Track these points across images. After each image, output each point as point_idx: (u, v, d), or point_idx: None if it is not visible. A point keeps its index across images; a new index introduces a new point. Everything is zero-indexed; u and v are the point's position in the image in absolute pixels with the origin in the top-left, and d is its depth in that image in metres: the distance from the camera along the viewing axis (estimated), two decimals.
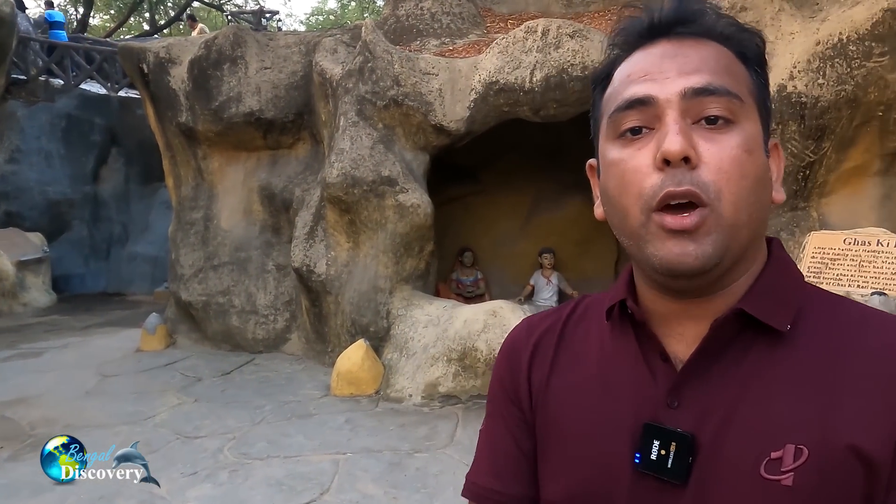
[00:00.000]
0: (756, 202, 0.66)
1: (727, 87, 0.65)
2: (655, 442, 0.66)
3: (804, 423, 0.61)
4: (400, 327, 5.84)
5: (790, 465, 0.60)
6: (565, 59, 5.37)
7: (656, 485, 0.67)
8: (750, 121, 0.67)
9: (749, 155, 0.65)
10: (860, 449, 0.59)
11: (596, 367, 0.76)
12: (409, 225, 5.86)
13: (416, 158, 6.08)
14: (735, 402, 0.65)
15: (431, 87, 5.87)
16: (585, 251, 8.01)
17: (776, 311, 0.66)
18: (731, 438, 0.64)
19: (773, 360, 0.65)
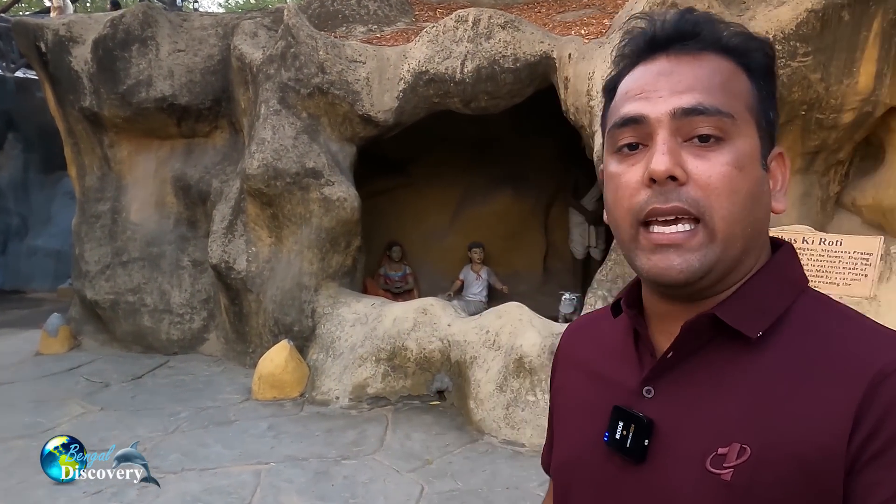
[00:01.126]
0: (749, 216, 0.69)
1: (717, 107, 0.68)
2: (620, 423, 0.73)
3: (754, 426, 0.64)
4: (326, 326, 5.60)
5: (732, 461, 0.64)
6: (497, 49, 5.24)
7: (620, 461, 0.73)
8: (744, 137, 0.69)
9: (739, 171, 0.67)
10: (804, 457, 0.61)
11: (599, 355, 0.84)
12: (335, 219, 5.61)
13: (342, 150, 5.83)
14: (699, 399, 0.69)
15: (358, 76, 5.63)
16: (515, 245, 7.97)
17: (750, 317, 0.68)
18: (688, 430, 0.68)
19: (741, 363, 0.68)
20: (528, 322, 4.64)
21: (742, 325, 0.68)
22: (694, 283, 0.69)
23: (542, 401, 4.36)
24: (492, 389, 4.56)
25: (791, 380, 0.64)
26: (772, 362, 0.66)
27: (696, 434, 0.67)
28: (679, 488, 0.67)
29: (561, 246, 8.05)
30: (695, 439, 0.67)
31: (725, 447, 0.65)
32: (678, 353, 0.71)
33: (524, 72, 5.20)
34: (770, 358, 0.67)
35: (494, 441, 4.40)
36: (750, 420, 0.65)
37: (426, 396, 5.10)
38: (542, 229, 8.09)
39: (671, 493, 0.68)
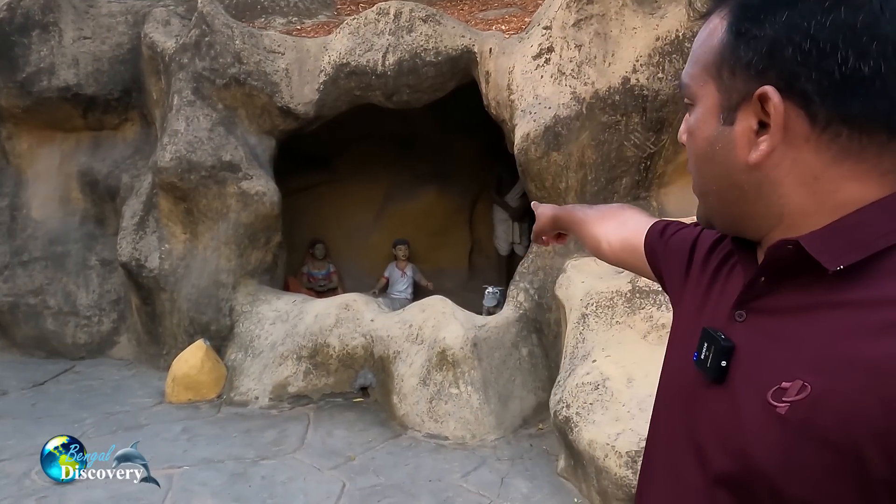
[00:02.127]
0: (708, 173, 0.75)
1: (683, 81, 0.77)
2: (705, 344, 0.75)
3: (822, 365, 0.62)
4: (245, 325, 5.41)
5: (791, 397, 0.63)
6: (418, 43, 5.21)
7: (703, 380, 0.75)
8: (702, 99, 0.74)
9: (690, 136, 0.76)
10: (865, 408, 0.58)
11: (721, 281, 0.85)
12: (253, 214, 5.44)
13: (261, 143, 5.66)
14: (782, 328, 0.68)
15: (277, 67, 5.48)
16: (440, 242, 7.96)
17: (837, 249, 0.64)
18: (764, 359, 0.68)
19: (828, 297, 0.65)
20: (452, 315, 4.63)
21: (822, 256, 0.64)
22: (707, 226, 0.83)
23: (466, 393, 4.36)
24: (415, 384, 4.52)
25: (873, 323, 0.60)
26: (857, 301, 0.63)
27: (769, 364, 0.68)
28: (741, 414, 0.68)
29: (486, 242, 8.10)
30: (767, 369, 0.67)
31: (789, 382, 0.64)
32: (769, 279, 0.71)
33: (446, 66, 5.20)
34: (857, 297, 0.63)
35: (418, 435, 4.36)
36: (819, 359, 0.63)
37: (349, 393, 5.01)
38: (467, 226, 8.11)
39: (735, 417, 0.69)
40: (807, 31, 0.63)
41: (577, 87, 4.43)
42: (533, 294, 4.79)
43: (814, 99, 0.64)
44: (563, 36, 4.52)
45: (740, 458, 0.67)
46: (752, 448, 0.66)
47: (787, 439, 0.63)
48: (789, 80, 0.64)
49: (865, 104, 0.63)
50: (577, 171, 4.53)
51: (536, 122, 4.46)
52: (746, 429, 0.67)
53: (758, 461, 0.65)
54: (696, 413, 0.76)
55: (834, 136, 0.64)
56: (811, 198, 0.67)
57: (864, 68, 0.61)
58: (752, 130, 0.69)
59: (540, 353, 4.76)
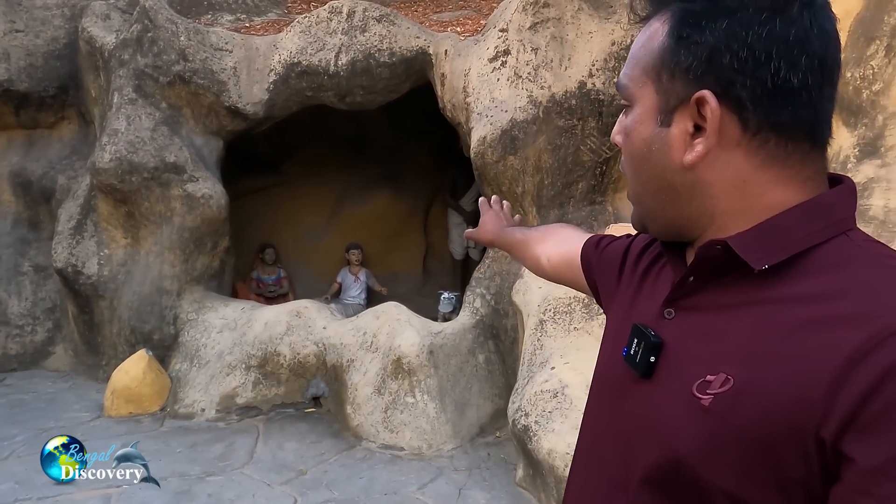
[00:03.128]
0: (643, 174, 0.75)
1: (621, 81, 0.76)
2: (635, 340, 0.77)
3: (744, 359, 0.64)
4: (190, 333, 5.18)
5: (715, 389, 0.65)
6: (372, 43, 5.09)
7: (632, 375, 0.77)
8: (639, 101, 0.73)
9: (627, 137, 0.76)
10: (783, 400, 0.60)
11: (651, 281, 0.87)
12: (199, 218, 5.22)
13: (207, 144, 5.44)
14: (709, 325, 0.70)
15: (225, 65, 5.28)
16: (394, 247, 7.84)
17: (761, 249, 0.67)
18: (691, 354, 0.70)
19: (752, 295, 0.68)
20: (407, 322, 4.52)
21: (749, 257, 0.67)
22: (640, 230, 0.81)
23: (422, 402, 4.25)
24: (369, 393, 4.40)
25: (793, 320, 0.63)
26: (779, 299, 0.66)
27: (696, 359, 0.69)
28: (668, 407, 0.70)
29: (440, 247, 8.02)
30: (693, 364, 0.69)
31: (713, 375, 0.66)
32: (698, 278, 0.73)
33: (400, 67, 5.10)
34: (778, 295, 0.66)
35: (372, 446, 4.24)
36: (742, 354, 0.65)
37: (301, 404, 4.84)
38: (421, 230, 8.01)
39: (661, 411, 0.71)
40: (744, 41, 0.65)
41: (534, 91, 4.38)
42: (489, 300, 4.72)
43: (747, 105, 0.66)
44: (520, 39, 4.47)
45: (665, 448, 0.69)
46: (676, 438, 0.68)
47: (709, 430, 0.64)
48: (726, 86, 0.67)
49: (793, 114, 0.67)
50: (533, 176, 4.48)
51: (493, 125, 4.39)
52: (672, 420, 0.69)
53: (681, 451, 0.67)
54: (623, 407, 0.78)
55: (763, 143, 0.68)
56: (740, 200, 0.70)
57: (794, 80, 0.65)
58: (687, 133, 0.70)
59: (497, 359, 4.70)
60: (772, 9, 0.65)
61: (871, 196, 3.52)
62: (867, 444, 0.55)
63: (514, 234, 1.49)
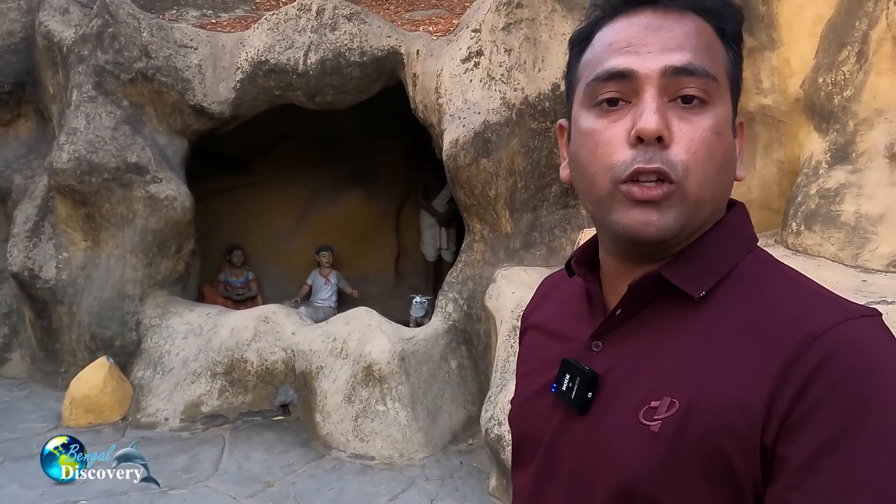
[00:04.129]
0: (720, 181, 0.69)
1: (706, 69, 0.67)
2: (567, 375, 0.75)
3: (686, 381, 0.65)
4: (154, 340, 5.02)
5: (662, 414, 0.65)
6: (342, 42, 4.98)
7: (565, 412, 0.75)
8: (722, 102, 0.69)
9: (718, 137, 0.68)
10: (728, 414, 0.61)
11: (557, 314, 0.87)
12: (163, 220, 5.05)
13: (171, 143, 5.27)
14: (643, 354, 0.70)
15: (189, 63, 5.11)
16: (365, 248, 7.73)
17: (695, 277, 0.69)
18: (629, 384, 0.70)
19: (683, 321, 0.69)
20: (378, 328, 4.42)
21: (686, 285, 0.68)
22: (668, 240, 0.69)
23: (393, 410, 4.16)
24: (339, 401, 4.29)
25: (726, 338, 0.65)
26: (711, 321, 0.67)
27: (635, 388, 0.69)
28: (614, 438, 0.69)
29: (412, 248, 7.93)
30: (634, 393, 0.69)
31: (658, 401, 0.66)
32: (626, 309, 0.73)
33: (371, 66, 4.99)
34: (710, 316, 0.68)
35: (342, 456, 4.13)
36: (683, 376, 0.66)
37: (269, 412, 4.71)
38: (393, 231, 7.91)
39: (607, 443, 0.69)
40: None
41: (507, 93, 4.32)
42: (462, 304, 4.65)
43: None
44: (493, 40, 4.40)
45: (621, 480, 0.67)
46: (630, 468, 0.67)
47: (662, 454, 0.64)
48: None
49: None
50: (506, 179, 4.42)
51: (466, 127, 4.32)
52: (622, 451, 0.68)
53: (638, 479, 0.66)
54: (561, 446, 0.75)
55: None
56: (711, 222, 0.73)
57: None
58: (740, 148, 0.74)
59: (469, 365, 4.63)
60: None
61: (842, 202, 3.53)
62: (795, 443, 0.58)
63: None
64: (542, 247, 4.60)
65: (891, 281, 3.10)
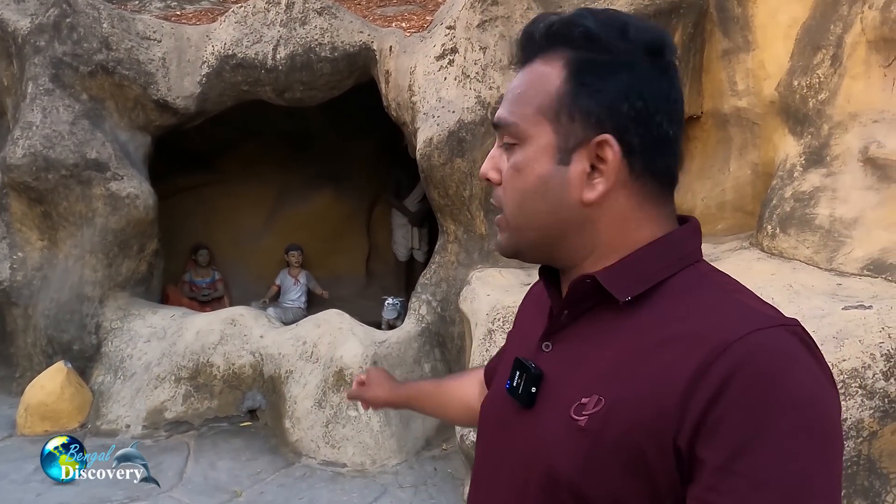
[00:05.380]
0: (530, 208, 0.78)
1: (509, 119, 0.79)
2: (517, 372, 0.82)
3: (612, 381, 0.71)
4: (114, 343, 4.83)
5: (589, 410, 0.71)
6: (313, 37, 4.84)
7: (515, 406, 0.81)
8: (532, 139, 0.77)
9: (518, 172, 0.78)
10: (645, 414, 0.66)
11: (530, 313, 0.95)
12: (125, 219, 4.86)
13: (133, 139, 5.08)
14: (582, 354, 0.76)
15: (152, 56, 4.93)
16: (335, 248, 7.58)
17: (624, 283, 0.74)
18: (567, 382, 0.76)
19: (616, 324, 0.74)
20: (349, 331, 4.31)
21: (614, 289, 0.74)
22: (512, 256, 0.83)
23: (365, 416, 4.06)
24: (309, 406, 4.17)
25: (650, 342, 0.70)
26: (638, 325, 0.72)
27: (571, 386, 0.74)
28: (548, 431, 0.74)
29: (383, 248, 7.81)
30: (569, 390, 0.74)
31: (588, 398, 0.71)
32: (571, 311, 0.79)
33: (343, 62, 4.87)
34: (638, 321, 0.72)
35: (313, 463, 4.02)
36: (610, 375, 0.71)
37: (236, 417, 4.57)
38: (364, 231, 7.78)
39: (542, 436, 0.75)
40: (640, 94, 0.73)
41: (482, 91, 4.24)
42: (436, 306, 4.56)
43: (637, 151, 0.74)
44: (468, 37, 4.32)
45: (549, 470, 0.73)
46: (557, 459, 0.72)
47: (586, 448, 0.69)
48: (622, 133, 0.73)
49: (665, 161, 0.76)
50: (481, 180, 4.33)
51: (440, 126, 4.23)
52: (552, 443, 0.73)
53: (563, 471, 0.71)
54: (507, 438, 0.82)
55: (642, 185, 0.76)
56: (619, 235, 0.77)
57: (670, 132, 0.76)
58: (584, 172, 0.75)
59: (443, 368, 4.54)
60: (658, 69, 0.74)
61: (816, 205, 3.53)
62: (711, 445, 0.62)
63: (422, 386, 1.51)
64: None
65: (865, 284, 3.10)
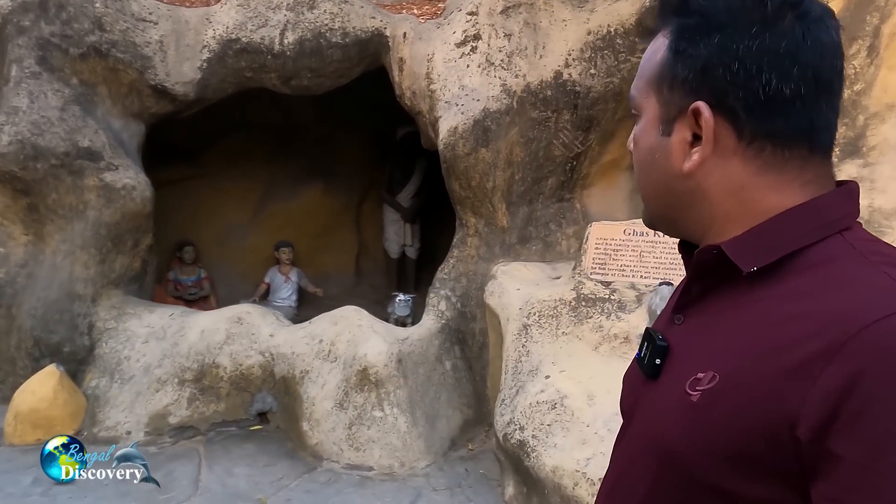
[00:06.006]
0: (649, 179, 0.79)
1: (631, 93, 0.81)
2: (646, 344, 0.81)
3: (729, 356, 0.68)
4: (110, 344, 4.52)
5: (703, 386, 0.68)
6: (322, 21, 4.63)
7: (642, 377, 0.81)
8: (645, 112, 0.78)
9: (634, 146, 0.80)
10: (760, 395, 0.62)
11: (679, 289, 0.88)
12: (119, 212, 4.56)
13: (127, 127, 4.77)
14: (707, 328, 0.74)
15: (149, 38, 4.63)
16: (325, 245, 7.35)
17: (751, 252, 0.70)
18: (690, 356, 0.74)
19: (742, 299, 0.71)
20: (370, 328, 4.12)
21: (739, 259, 0.70)
22: (650, 227, 0.85)
23: (391, 416, 3.88)
24: (330, 407, 3.97)
25: (773, 318, 0.66)
26: (764, 299, 0.68)
27: (691, 360, 0.72)
28: (664, 403, 0.74)
29: (373, 245, 7.61)
30: (689, 364, 0.72)
31: (703, 373, 0.69)
32: (701, 284, 0.76)
33: (354, 49, 4.67)
34: (765, 294, 0.68)
35: (336, 467, 3.82)
36: (728, 351, 0.68)
37: (245, 421, 4.33)
38: (353, 227, 7.56)
39: (659, 407, 0.75)
40: (735, 54, 0.68)
41: (508, 80, 4.12)
42: (455, 302, 4.41)
43: (741, 115, 0.69)
44: (492, 23, 4.19)
45: (660, 444, 0.72)
46: (668, 433, 0.71)
47: (695, 423, 0.67)
48: (720, 97, 0.69)
49: (787, 122, 0.69)
50: (504, 170, 4.22)
51: (465, 114, 4.08)
52: (665, 416, 0.72)
53: (671, 445, 0.70)
54: (634, 406, 0.82)
55: (759, 150, 0.70)
56: (738, 206, 0.72)
57: (786, 90, 0.67)
58: (686, 142, 0.73)
59: (463, 366, 4.40)
60: (762, 23, 0.67)
61: None
62: (849, 440, 0.56)
63: None
64: (537, 241, 4.43)
65: None
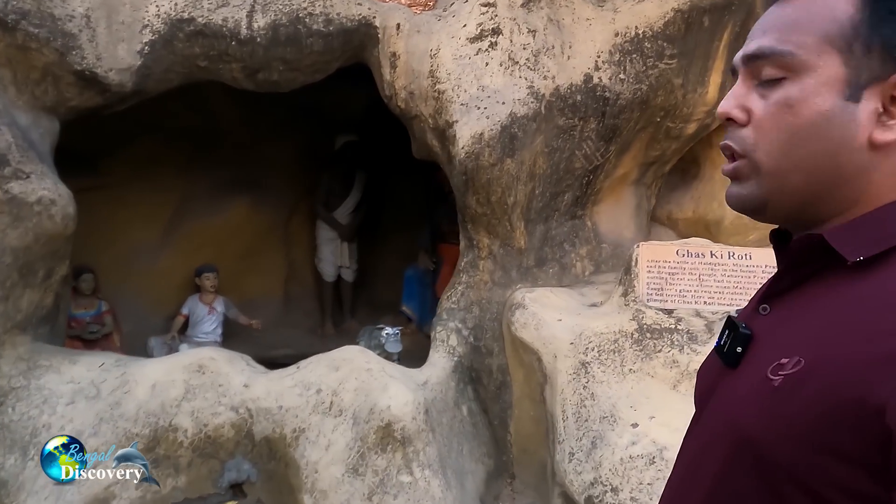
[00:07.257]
0: (803, 150, 0.70)
1: (777, 48, 0.71)
2: (727, 332, 0.79)
3: (819, 343, 0.65)
4: (19, 409, 3.42)
5: (787, 370, 0.66)
6: (299, 4, 3.84)
7: (721, 365, 0.79)
8: (819, 70, 0.69)
9: (789, 109, 0.70)
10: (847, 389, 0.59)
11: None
12: (32, 234, 3.48)
13: (37, 124, 3.69)
14: (797, 317, 0.70)
15: (72, 11, 3.60)
16: (249, 267, 6.39)
17: (858, 242, 0.67)
18: (772, 342, 0.71)
19: (841, 288, 0.67)
20: (383, 372, 3.41)
21: (844, 248, 0.67)
22: (753, 211, 0.76)
23: (423, 479, 3.20)
24: (340, 474, 3.21)
25: (872, 307, 0.62)
26: (865, 289, 0.65)
27: (776, 347, 0.70)
28: (742, 391, 0.71)
29: (301, 267, 6.77)
30: (773, 351, 0.70)
31: (787, 358, 0.66)
32: (794, 273, 0.73)
33: (337, 39, 3.93)
34: (867, 285, 0.65)
35: None
36: (819, 338, 0.65)
37: (214, 497, 3.44)
38: (281, 247, 6.66)
39: (737, 392, 0.72)
40: None
41: (536, 81, 3.62)
42: (467, 335, 3.82)
43: None
44: (513, 17, 3.68)
45: (733, 428, 0.70)
46: (744, 419, 0.69)
47: (775, 407, 0.65)
48: None
49: None
50: (526, 184, 3.72)
51: (490, 119, 3.53)
52: (742, 401, 0.71)
53: (747, 430, 0.68)
54: (709, 395, 0.79)
55: None
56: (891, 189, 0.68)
57: None
58: (877, 112, 0.68)
59: (478, 409, 3.81)
60: None
61: None
62: None
63: None
64: (553, 263, 3.97)
65: None
